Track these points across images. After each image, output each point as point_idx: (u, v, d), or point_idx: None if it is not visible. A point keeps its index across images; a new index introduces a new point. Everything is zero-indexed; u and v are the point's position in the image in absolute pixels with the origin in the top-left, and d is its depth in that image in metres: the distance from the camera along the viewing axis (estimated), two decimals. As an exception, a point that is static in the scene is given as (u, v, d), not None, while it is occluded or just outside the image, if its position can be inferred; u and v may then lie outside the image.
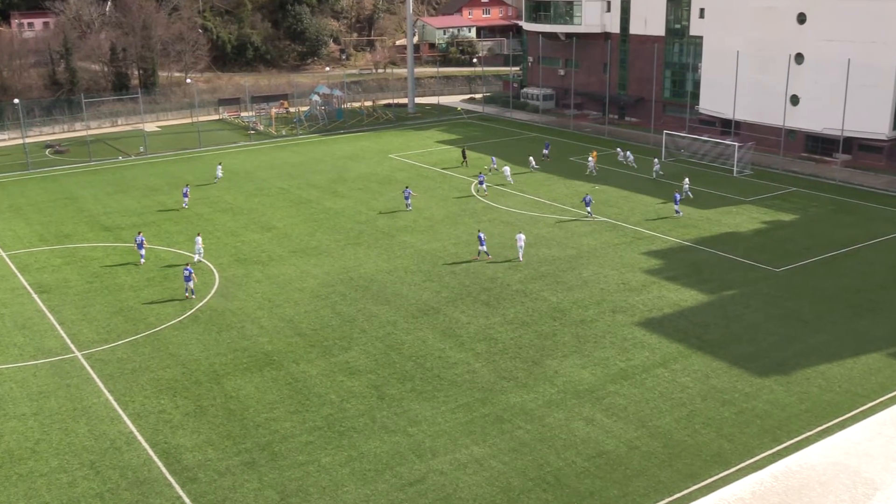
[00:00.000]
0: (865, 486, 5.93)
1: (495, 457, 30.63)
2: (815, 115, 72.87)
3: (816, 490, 4.93)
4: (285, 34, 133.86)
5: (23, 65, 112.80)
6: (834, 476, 5.00)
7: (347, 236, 56.36)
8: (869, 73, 67.93)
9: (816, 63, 72.14)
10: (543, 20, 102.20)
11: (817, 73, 72.05)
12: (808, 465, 5.24)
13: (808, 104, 73.47)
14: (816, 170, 71.28)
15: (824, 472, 5.07)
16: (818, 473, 5.05)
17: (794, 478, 5.00)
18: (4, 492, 29.53)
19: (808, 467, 5.18)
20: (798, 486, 4.96)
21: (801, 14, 73.06)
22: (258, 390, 36.09)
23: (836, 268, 48.90)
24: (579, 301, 44.63)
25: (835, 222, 57.52)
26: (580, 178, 69.66)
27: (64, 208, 65.64)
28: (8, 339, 42.00)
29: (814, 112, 72.91)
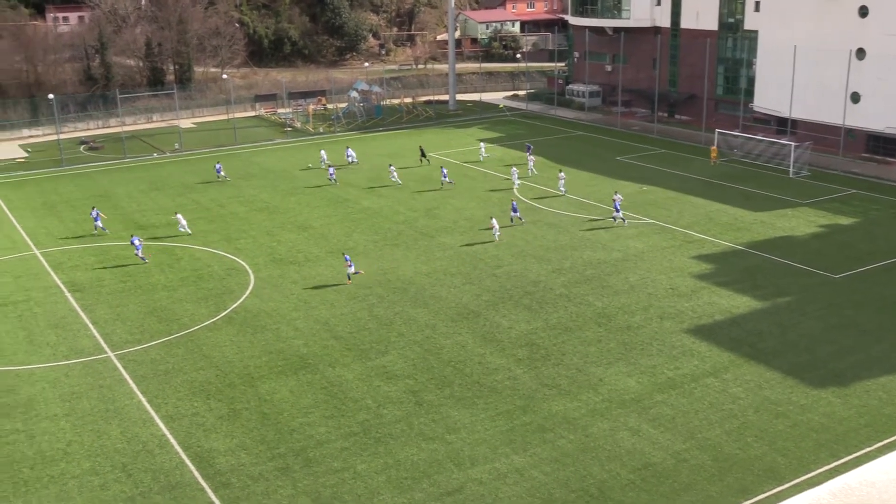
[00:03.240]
0: (929, 504, 5.83)
1: (536, 467, 30.53)
2: (878, 114, 71.67)
3: (878, 508, 4.88)
4: (323, 29, 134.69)
5: (57, 59, 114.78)
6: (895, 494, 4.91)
7: (385, 237, 56.55)
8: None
9: (879, 58, 71.03)
10: (590, 14, 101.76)
11: (880, 69, 70.91)
12: (868, 482, 5.15)
13: (869, 102, 72.33)
14: (878, 171, 70.17)
15: (885, 490, 4.98)
16: (879, 491, 4.96)
17: (853, 495, 4.92)
18: (36, 493, 30.02)
19: (867, 484, 5.09)
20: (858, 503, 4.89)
21: (863, 7, 71.96)
22: (293, 394, 36.32)
23: (898, 274, 48.10)
24: (625, 306, 44.35)
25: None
26: (627, 178, 69.21)
27: (99, 206, 66.49)
28: (41, 339, 42.71)
29: (876, 110, 71.71)
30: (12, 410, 35.77)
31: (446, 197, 65.21)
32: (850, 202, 62.26)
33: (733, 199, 63.11)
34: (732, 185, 66.93)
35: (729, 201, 62.46)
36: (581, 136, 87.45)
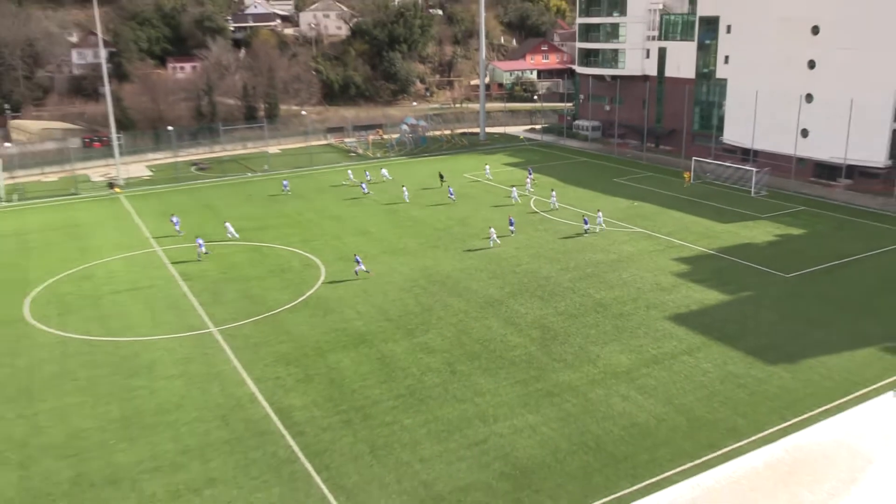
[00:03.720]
0: (862, 459, 5.77)
1: (546, 424, 30.46)
2: (823, 146, 70.64)
3: (821, 462, 4.85)
4: (381, 75, 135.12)
5: (175, 100, 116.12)
6: (835, 450, 4.90)
7: (428, 240, 56.61)
8: (868, 111, 65.79)
9: (824, 102, 69.96)
10: (593, 64, 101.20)
11: (825, 111, 69.85)
12: (813, 441, 5.14)
13: (816, 136, 71.25)
14: (823, 192, 69.03)
15: (827, 447, 4.97)
16: (822, 448, 4.95)
17: (801, 451, 4.92)
18: (156, 435, 30.50)
19: (813, 443, 5.08)
20: (804, 458, 4.88)
21: (812, 61, 70.98)
22: (354, 363, 36.51)
23: (839, 275, 47.29)
24: (619, 298, 44.07)
25: (838, 237, 55.63)
26: (621, 195, 68.69)
27: (203, 213, 67.33)
28: (161, 317, 43.32)
29: (821, 143, 70.68)
30: (139, 371, 36.34)
31: (476, 209, 65.13)
32: (799, 216, 61.31)
33: (706, 212, 62.41)
34: (706, 201, 66.19)
35: (703, 214, 61.78)
36: (585, 161, 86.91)
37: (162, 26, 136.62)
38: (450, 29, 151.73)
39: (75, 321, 42.98)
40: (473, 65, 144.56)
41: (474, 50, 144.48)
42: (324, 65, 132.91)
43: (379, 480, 27.13)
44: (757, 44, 76.49)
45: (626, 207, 64.54)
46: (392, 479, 27.15)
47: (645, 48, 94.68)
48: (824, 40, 69.89)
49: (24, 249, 57.77)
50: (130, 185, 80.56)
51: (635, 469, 27.39)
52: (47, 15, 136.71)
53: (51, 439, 30.58)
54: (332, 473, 27.62)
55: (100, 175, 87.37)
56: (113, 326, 42.02)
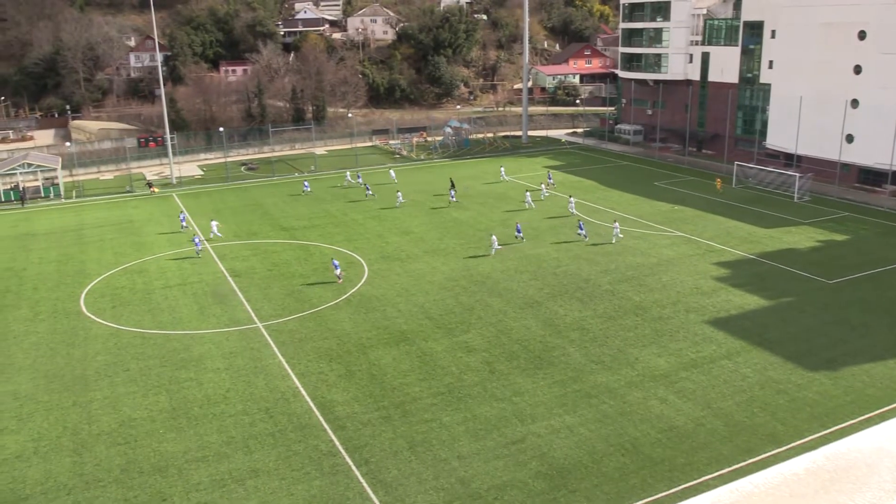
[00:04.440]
0: (906, 469, 5.57)
1: (583, 425, 30.16)
2: (868, 152, 68.81)
3: (863, 470, 4.67)
4: (426, 79, 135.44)
5: (227, 102, 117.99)
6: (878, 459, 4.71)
7: (469, 241, 56.51)
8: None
9: (870, 107, 68.13)
10: (636, 69, 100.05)
11: (870, 116, 68.04)
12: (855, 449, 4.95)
13: (861, 142, 69.42)
14: (867, 198, 67.22)
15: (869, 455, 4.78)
16: (864, 456, 4.77)
17: (843, 459, 4.73)
18: (203, 426, 30.95)
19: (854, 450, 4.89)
20: (846, 466, 4.69)
21: (858, 66, 69.19)
22: (395, 360, 36.60)
23: (882, 282, 45.98)
24: (658, 301, 43.46)
25: (882, 243, 54.10)
26: (662, 199, 67.77)
27: (253, 212, 68.21)
28: (209, 311, 43.98)
29: (866, 149, 68.87)
30: (187, 363, 36.92)
31: (517, 211, 64.83)
32: (843, 222, 59.79)
33: (748, 217, 61.24)
34: (747, 206, 64.97)
35: (745, 219, 60.64)
36: (626, 165, 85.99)
37: (215, 31, 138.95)
38: (494, 33, 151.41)
39: (128, 314, 43.87)
40: (517, 69, 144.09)
41: (518, 54, 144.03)
42: (370, 68, 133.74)
43: (417, 476, 27.14)
44: (802, 48, 74.84)
45: (667, 211, 63.67)
46: (430, 475, 27.14)
47: (688, 53, 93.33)
48: (871, 45, 68.11)
49: (82, 244, 59.20)
50: (183, 184, 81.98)
51: (672, 472, 26.95)
52: (107, 20, 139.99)
53: (103, 427, 31.24)
54: (371, 467, 27.71)
55: (153, 174, 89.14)
56: (163, 320, 42.79)
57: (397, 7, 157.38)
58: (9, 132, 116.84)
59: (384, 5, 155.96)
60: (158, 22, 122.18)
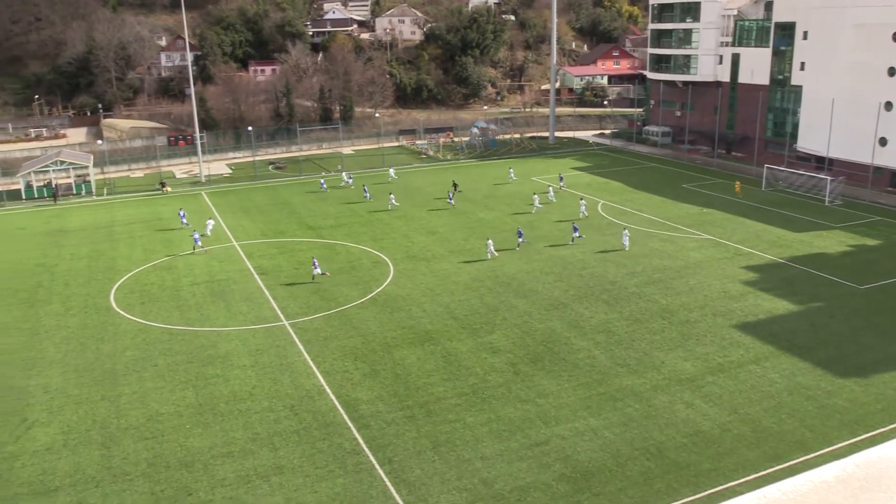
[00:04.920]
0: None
1: (608, 428, 29.99)
2: (903, 155, 67.65)
3: (895, 479, 4.61)
4: (453, 79, 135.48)
5: (255, 101, 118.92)
6: (910, 468, 4.65)
7: (495, 241, 56.30)
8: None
9: (906, 110, 66.98)
10: (664, 70, 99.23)
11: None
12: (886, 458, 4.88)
13: (894, 145, 68.22)
14: (902, 202, 66.12)
15: (902, 465, 4.71)
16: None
17: (874, 467, 4.66)
18: (229, 422, 31.25)
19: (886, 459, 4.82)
20: (877, 474, 4.63)
21: (892, 68, 67.98)
22: (419, 360, 36.66)
23: (917, 288, 45.17)
24: (685, 304, 43.07)
25: (917, 248, 53.14)
26: (690, 202, 67.17)
27: (280, 211, 68.69)
28: (236, 308, 44.38)
29: (901, 152, 67.71)
30: (214, 360, 37.30)
31: (544, 212, 64.60)
32: (875, 227, 58.81)
33: (777, 221, 60.48)
34: (777, 210, 64.18)
35: (774, 223, 59.90)
36: (654, 167, 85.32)
37: (245, 31, 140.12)
38: (521, 34, 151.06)
39: (156, 310, 44.42)
40: (544, 70, 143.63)
41: (545, 55, 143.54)
42: (397, 68, 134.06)
43: (440, 476, 27.16)
44: (835, 50, 73.75)
45: (695, 214, 63.08)
46: (453, 475, 27.15)
47: (718, 54, 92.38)
48: (907, 47, 66.86)
49: (112, 241, 60.03)
50: (211, 182, 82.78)
51: (697, 477, 26.71)
52: (139, 20, 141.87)
53: (131, 421, 31.67)
54: (394, 467, 27.79)
55: (183, 172, 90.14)
56: (191, 316, 43.25)
57: (425, 7, 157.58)
58: (42, 130, 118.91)
59: (412, 6, 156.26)
60: (189, 22, 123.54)
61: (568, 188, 72.65)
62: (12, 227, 66.41)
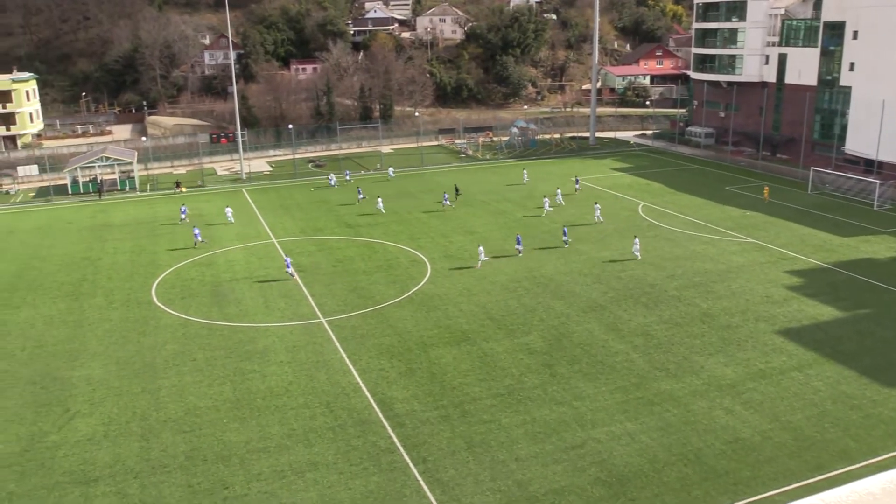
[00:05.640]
0: None
1: (645, 433, 29.66)
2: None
3: (944, 493, 4.44)
4: (493, 79, 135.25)
5: (296, 99, 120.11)
6: (960, 482, 4.47)
7: (533, 242, 56.14)
8: None
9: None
10: (709, 70, 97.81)
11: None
12: (936, 470, 4.70)
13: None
14: (955, 207, 64.17)
15: (951, 478, 4.53)
16: (945, 478, 4.52)
17: (922, 480, 4.50)
18: (265, 418, 31.61)
19: (935, 472, 4.64)
20: (926, 487, 4.47)
21: (949, 68, 66.12)
22: (455, 360, 36.66)
23: (970, 296, 43.81)
24: (727, 309, 42.39)
25: (970, 255, 51.56)
26: (733, 204, 66.10)
27: (319, 208, 69.26)
28: (274, 304, 44.87)
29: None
30: (252, 356, 37.75)
31: (584, 213, 64.12)
32: (928, 232, 57.22)
33: (824, 225, 59.20)
34: (823, 213, 62.81)
35: (820, 227, 58.63)
36: (696, 168, 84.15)
37: (287, 30, 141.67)
38: (563, 33, 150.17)
39: (196, 305, 45.11)
40: (586, 69, 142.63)
41: (587, 54, 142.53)
42: (438, 67, 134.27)
43: (474, 476, 27.12)
44: (886, 50, 71.90)
45: (738, 217, 62.06)
46: (487, 476, 27.08)
47: (764, 54, 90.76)
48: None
49: (155, 236, 61.13)
50: (252, 180, 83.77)
51: (736, 485, 26.26)
52: (184, 19, 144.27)
53: (169, 414, 32.20)
54: (428, 466, 27.82)
55: (224, 169, 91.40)
56: (230, 312, 43.83)
57: (466, 7, 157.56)
58: (89, 126, 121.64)
59: (453, 5, 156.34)
60: (232, 21, 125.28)
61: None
62: (60, 221, 68.05)
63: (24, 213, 72.99)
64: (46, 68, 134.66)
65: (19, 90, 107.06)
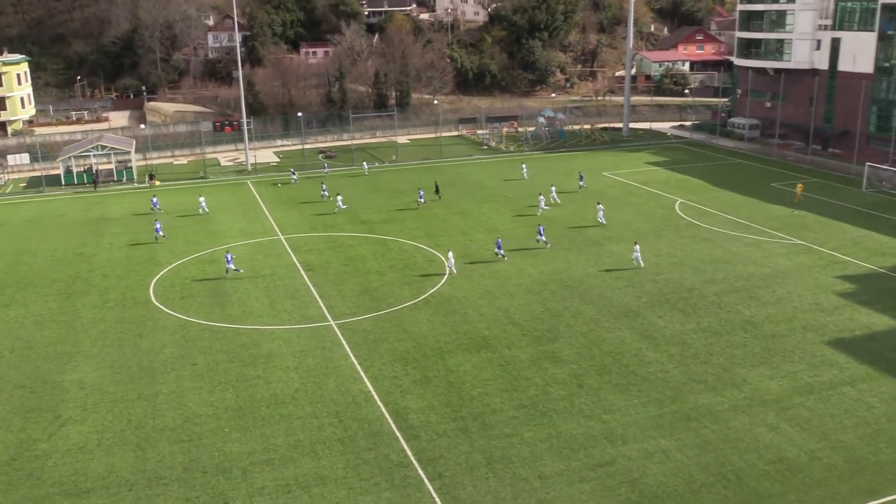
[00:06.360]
0: None
1: (681, 450, 29.47)
2: None
3: None
4: (519, 64, 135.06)
5: (306, 85, 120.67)
6: None
7: (560, 241, 56.00)
8: None
9: None
10: (754, 56, 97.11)
11: None
12: None
13: None
14: None
15: None
16: None
17: None
18: (270, 428, 31.74)
19: None
20: None
21: None
22: (475, 368, 36.63)
23: None
24: (771, 316, 42.03)
25: None
26: (779, 203, 65.53)
27: (329, 203, 69.45)
28: (280, 306, 45.06)
29: None
30: (256, 360, 37.94)
31: (616, 210, 63.85)
32: None
33: (880, 226, 58.53)
34: (880, 214, 62.12)
35: (875, 228, 57.99)
36: (739, 163, 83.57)
37: (296, 10, 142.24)
38: (595, 15, 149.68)
39: (197, 305, 45.40)
40: (619, 55, 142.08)
41: (621, 38, 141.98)
42: (459, 52, 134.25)
43: (494, 494, 27.07)
44: (952, 35, 70.98)
45: (785, 216, 61.56)
46: (508, 495, 27.03)
47: (815, 38, 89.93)
48: None
49: (153, 231, 61.55)
50: (258, 171, 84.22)
51: (781, 509, 26.03)
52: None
53: (167, 422, 32.42)
54: (445, 482, 27.80)
55: (228, 160, 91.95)
56: (233, 313, 44.07)
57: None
58: (84, 113, 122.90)
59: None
60: (238, 0, 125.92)
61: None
62: (52, 214, 68.80)
63: (14, 204, 73.88)
64: (39, 50, 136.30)
65: (10, 73, 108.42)
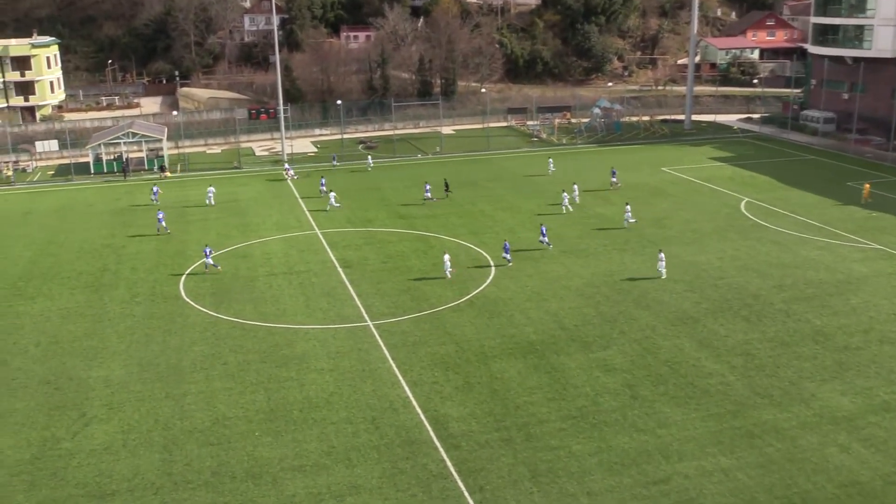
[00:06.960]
0: None
1: (742, 470, 29.08)
2: None
3: None
4: (573, 51, 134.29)
5: (346, 71, 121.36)
6: None
7: (615, 241, 55.60)
8: None
9: None
10: (830, 44, 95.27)
11: None
12: None
13: None
14: None
15: None
16: None
17: None
18: (302, 433, 32.05)
19: None
20: None
21: None
22: (520, 375, 36.56)
23: None
24: (845, 327, 41.23)
25: None
26: (855, 203, 64.22)
27: (368, 196, 69.86)
28: (315, 304, 45.47)
29: None
30: (289, 361, 38.34)
31: (676, 209, 63.19)
32: None
33: (967, 231, 57.04)
34: None
35: (962, 233, 56.54)
36: (812, 160, 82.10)
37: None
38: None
39: (228, 302, 46.03)
40: (682, 41, 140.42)
41: (685, 23, 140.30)
42: (509, 37, 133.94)
43: (539, 511, 27.00)
44: None
45: (862, 218, 60.34)
46: (554, 512, 26.93)
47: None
48: None
49: (184, 223, 62.59)
50: (295, 162, 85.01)
51: (852, 536, 25.56)
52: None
53: (195, 424, 32.93)
54: (486, 496, 27.80)
55: (263, 150, 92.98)
56: (266, 311, 44.59)
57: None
58: (115, 98, 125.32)
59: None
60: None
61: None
62: (81, 204, 70.31)
63: (41, 193, 75.67)
64: (69, 32, 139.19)
65: (39, 56, 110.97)
